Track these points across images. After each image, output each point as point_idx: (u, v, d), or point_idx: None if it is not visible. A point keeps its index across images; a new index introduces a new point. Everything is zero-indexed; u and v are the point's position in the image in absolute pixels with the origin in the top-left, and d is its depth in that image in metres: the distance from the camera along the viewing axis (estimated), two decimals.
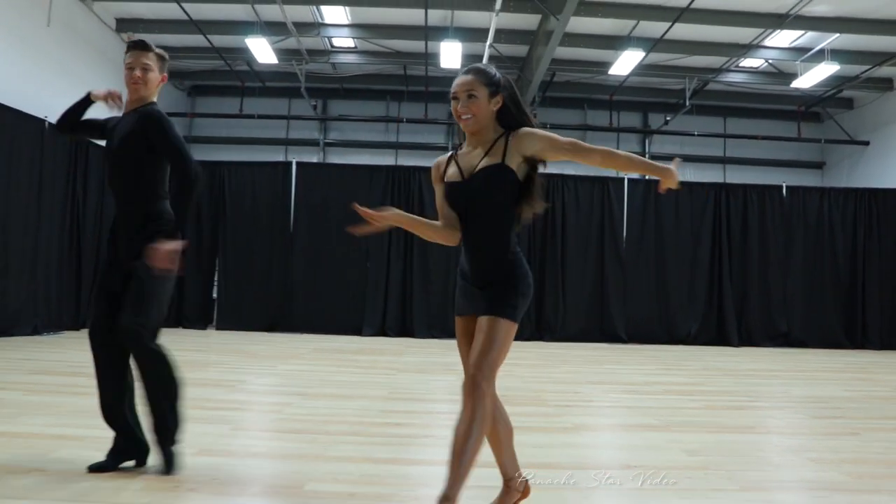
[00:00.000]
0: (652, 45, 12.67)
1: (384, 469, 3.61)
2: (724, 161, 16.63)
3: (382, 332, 12.68)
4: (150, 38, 12.10)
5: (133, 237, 3.46)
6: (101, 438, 3.56)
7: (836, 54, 12.99)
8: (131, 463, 3.44)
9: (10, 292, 9.75)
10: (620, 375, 8.23)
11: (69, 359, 7.72)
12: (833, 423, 5.43)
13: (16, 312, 9.85)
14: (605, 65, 14.00)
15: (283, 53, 13.78)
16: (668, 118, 15.53)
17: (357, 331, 12.59)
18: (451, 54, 12.82)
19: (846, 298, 13.44)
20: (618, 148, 14.22)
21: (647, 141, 16.50)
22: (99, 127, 3.85)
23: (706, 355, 11.14)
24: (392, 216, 2.83)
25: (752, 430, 5.11)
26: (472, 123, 2.76)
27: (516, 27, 12.96)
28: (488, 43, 12.12)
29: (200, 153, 15.87)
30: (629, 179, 13.42)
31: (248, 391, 6.32)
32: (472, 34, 12.90)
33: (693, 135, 15.65)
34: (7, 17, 10.13)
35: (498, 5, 10.73)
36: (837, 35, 12.57)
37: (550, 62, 14.22)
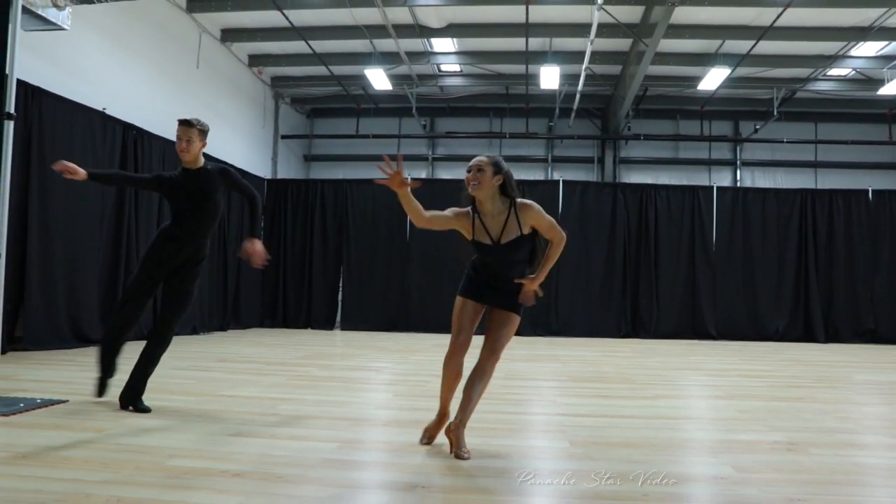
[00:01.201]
0: (738, 60, 13.50)
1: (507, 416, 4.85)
2: (815, 165, 17.17)
3: (480, 331, 13.94)
4: (276, 70, 13.91)
5: (198, 262, 5.03)
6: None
7: None
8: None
9: None
10: (703, 364, 9.24)
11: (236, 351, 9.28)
12: (871, 398, 6.38)
13: None
14: (695, 80, 14.89)
15: (395, 79, 15.25)
16: (757, 126, 16.26)
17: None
18: (549, 76, 14.00)
19: None
20: (710, 155, 15.10)
21: (738, 148, 17.22)
22: (153, 182, 5.09)
23: (790, 350, 11.95)
24: (403, 182, 3.75)
25: (800, 399, 6.12)
26: (477, 188, 3.91)
27: (609, 49, 14.02)
28: (584, 65, 13.23)
29: (319, 171, 17.59)
30: (718, 187, 14.32)
31: (394, 373, 7.66)
32: (569, 57, 14.02)
33: (782, 142, 16.31)
34: (161, 61, 11.84)
35: (593, 34, 11.85)
36: None
37: (645, 78, 15.28)
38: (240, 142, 14.62)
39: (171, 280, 4.99)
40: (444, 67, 15.50)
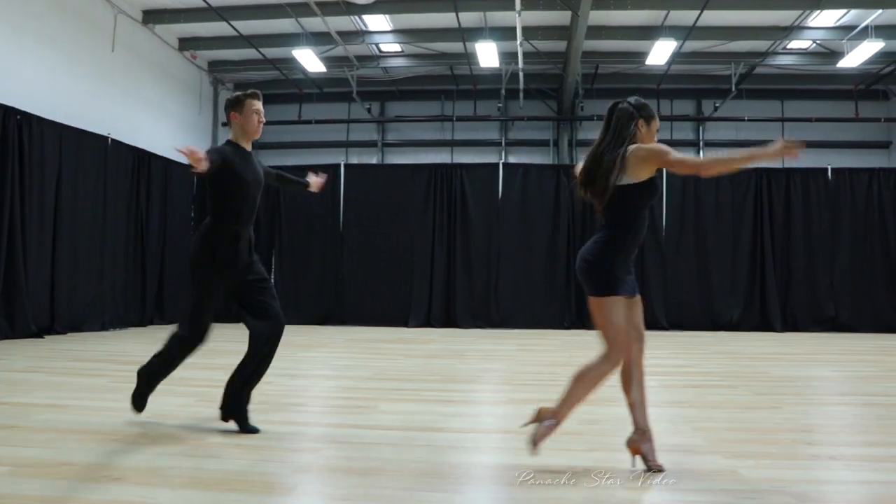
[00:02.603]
0: (686, 33, 12.74)
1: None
2: None
3: (428, 323, 13.31)
4: (212, 54, 13.27)
5: (253, 249, 4.39)
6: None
7: (880, 30, 12.69)
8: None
9: (79, 292, 10.91)
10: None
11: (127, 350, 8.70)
12: (761, 399, 5.67)
13: (85, 309, 11.01)
14: (644, 55, 14.13)
15: (332, 61, 14.56)
16: (716, 104, 15.45)
17: (404, 322, 13.27)
18: (488, 53, 13.27)
19: None
20: (672, 136, 14.54)
21: (700, 128, 16.43)
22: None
23: (738, 340, 11.23)
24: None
25: (659, 403, 5.42)
26: None
27: (553, 23, 13.27)
28: (518, 40, 12.48)
29: (265, 158, 16.91)
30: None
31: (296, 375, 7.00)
32: (509, 33, 13.29)
33: (743, 120, 15.49)
34: (74, 46, 11.25)
35: (518, 5, 11.11)
36: (880, 11, 12.32)
37: (593, 55, 14.56)
38: (169, 129, 14.00)
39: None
40: (384, 48, 14.79)
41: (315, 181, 4.97)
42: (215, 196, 4.26)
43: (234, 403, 4.20)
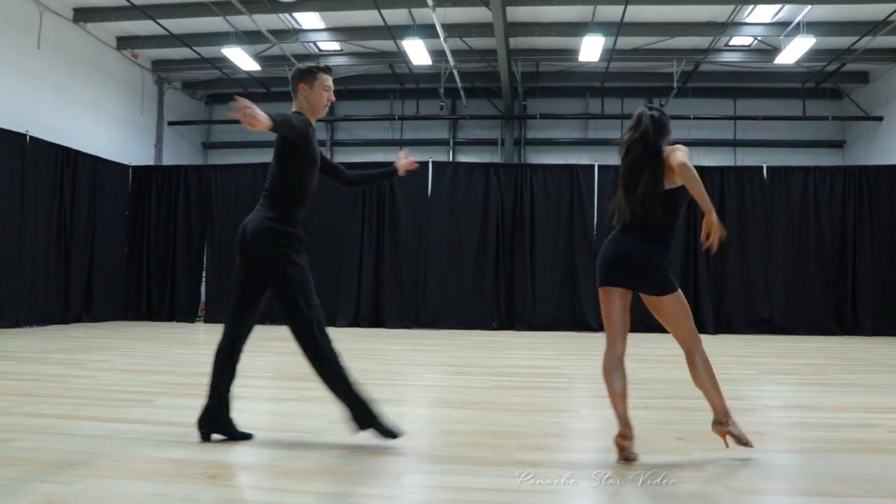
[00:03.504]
0: (617, 28, 12.56)
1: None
2: (734, 144, 16.11)
3: (356, 323, 13.19)
4: (150, 53, 13.24)
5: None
6: None
7: (813, 27, 12.43)
8: None
9: None
10: (480, 360, 8.32)
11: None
12: (560, 399, 5.52)
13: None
14: (576, 52, 13.95)
15: (271, 60, 14.53)
16: (662, 102, 15.22)
17: (332, 322, 13.15)
18: (417, 52, 13.17)
19: (835, 283, 12.87)
20: (621, 134, 14.59)
21: None
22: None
23: (656, 342, 10.97)
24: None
25: (473, 405, 5.28)
26: None
27: (482, 20, 13.13)
28: (443, 38, 12.36)
29: (218, 158, 16.94)
30: (599, 165, 13.37)
31: (94, 368, 6.95)
32: (446, 30, 13.14)
33: (689, 118, 15.24)
34: None
35: (430, 2, 10.99)
36: (809, 7, 12.07)
37: (533, 52, 14.44)
38: (107, 127, 14.02)
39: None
40: (323, 46, 14.73)
41: (403, 163, 4.46)
42: (282, 172, 3.88)
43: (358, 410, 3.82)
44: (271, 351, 8.44)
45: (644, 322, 11.55)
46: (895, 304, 12.61)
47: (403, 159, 4.47)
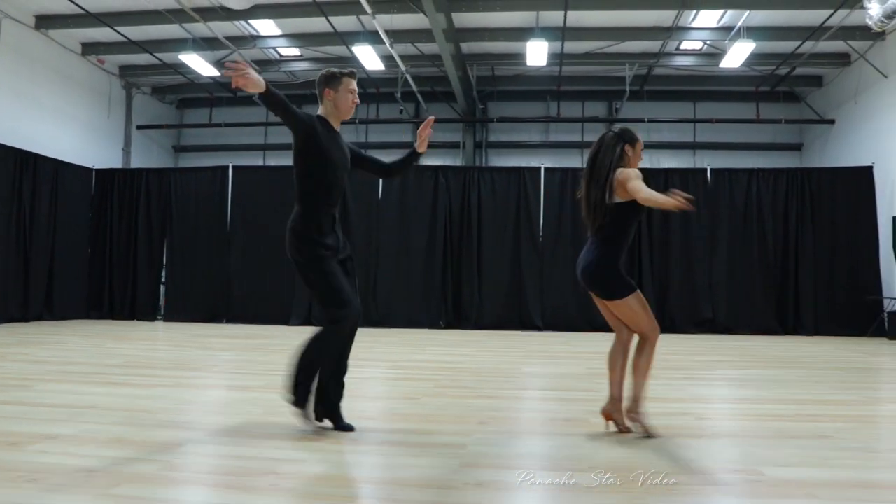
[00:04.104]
0: (561, 33, 12.79)
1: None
2: (693, 147, 16.30)
3: (309, 321, 13.49)
4: (117, 59, 13.48)
5: (339, 228, 4.20)
6: None
7: (753, 31, 12.63)
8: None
9: None
10: (417, 355, 8.64)
11: None
12: (461, 390, 5.79)
13: None
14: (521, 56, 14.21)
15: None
16: (616, 106, 15.45)
17: (286, 321, 13.49)
18: (368, 57, 13.48)
19: (778, 283, 13.05)
20: (583, 137, 14.87)
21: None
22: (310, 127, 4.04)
23: (591, 341, 11.20)
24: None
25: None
26: None
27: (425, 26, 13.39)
28: (388, 43, 12.65)
29: (190, 161, 17.33)
30: (545, 168, 13.61)
31: (7, 360, 7.29)
32: (392, 36, 13.44)
33: (644, 121, 15.46)
34: None
35: (367, 8, 11.29)
36: (748, 12, 12.28)
37: (487, 57, 14.72)
38: (72, 131, 14.41)
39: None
40: (284, 52, 15.07)
41: (424, 134, 4.54)
42: (301, 174, 4.04)
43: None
44: (205, 346, 8.72)
45: (590, 323, 11.91)
46: (837, 305, 12.78)
47: (423, 130, 4.52)
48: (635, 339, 4.12)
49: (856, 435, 4.16)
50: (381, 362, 7.83)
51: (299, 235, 3.98)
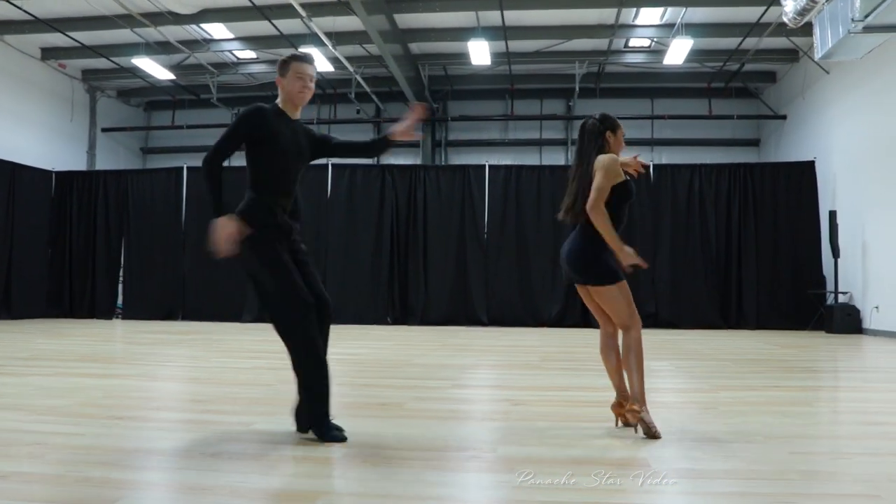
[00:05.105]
0: (502, 32, 12.93)
1: None
2: (651, 143, 16.37)
3: (261, 318, 13.71)
4: (80, 63, 13.69)
5: (297, 219, 3.97)
6: None
7: (691, 28, 12.73)
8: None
9: None
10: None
11: None
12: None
13: None
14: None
15: (188, 69, 15.16)
16: (570, 103, 15.57)
17: (237, 318, 13.73)
18: (315, 59, 13.67)
19: (720, 278, 13.14)
20: (541, 135, 14.89)
21: (568, 127, 16.56)
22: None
23: (515, 335, 11.36)
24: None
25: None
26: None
27: (380, 27, 13.57)
28: (331, 45, 12.86)
29: (158, 162, 17.62)
30: (490, 165, 13.78)
31: None
32: (340, 38, 13.63)
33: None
34: None
35: (301, 12, 11.51)
36: (685, 10, 12.38)
37: (439, 57, 14.90)
38: (28, 135, 14.66)
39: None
40: (239, 55, 15.32)
41: (404, 124, 4.11)
42: (249, 162, 3.87)
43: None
44: (125, 340, 8.94)
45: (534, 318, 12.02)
46: (778, 299, 12.86)
47: (410, 116, 4.13)
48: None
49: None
50: (281, 354, 7.99)
51: (246, 217, 3.73)
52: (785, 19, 10.03)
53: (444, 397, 5.18)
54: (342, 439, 3.62)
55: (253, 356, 7.90)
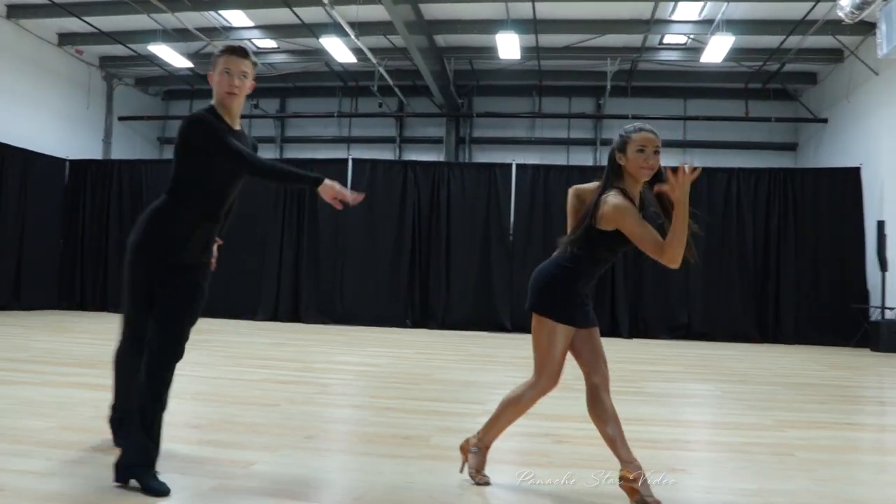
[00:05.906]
0: (533, 25, 12.38)
1: None
2: (682, 145, 15.72)
3: (275, 317, 13.28)
4: (98, 49, 13.39)
5: (209, 252, 3.55)
6: None
7: (732, 25, 12.08)
8: None
9: None
10: (342, 356, 8.34)
11: None
12: (330, 397, 5.48)
13: None
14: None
15: (209, 58, 14.64)
16: (600, 102, 14.97)
17: (252, 315, 13.28)
18: (337, 50, 13.18)
19: (757, 288, 12.53)
20: (569, 134, 14.32)
21: (597, 127, 15.97)
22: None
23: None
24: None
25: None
26: (647, 175, 3.12)
27: (406, 18, 13.02)
28: (354, 35, 12.32)
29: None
30: (517, 165, 13.22)
31: None
32: (363, 28, 13.11)
33: (627, 117, 14.92)
34: None
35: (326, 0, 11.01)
36: (726, 4, 11.75)
37: (465, 50, 14.37)
38: (43, 122, 14.25)
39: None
40: (259, 44, 14.83)
41: (344, 191, 3.32)
42: (175, 169, 3.52)
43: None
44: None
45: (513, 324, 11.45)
46: (818, 313, 12.22)
47: (350, 197, 3.33)
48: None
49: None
50: (293, 363, 7.55)
51: (145, 227, 3.40)
52: (840, 14, 9.42)
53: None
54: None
55: (263, 364, 7.42)
